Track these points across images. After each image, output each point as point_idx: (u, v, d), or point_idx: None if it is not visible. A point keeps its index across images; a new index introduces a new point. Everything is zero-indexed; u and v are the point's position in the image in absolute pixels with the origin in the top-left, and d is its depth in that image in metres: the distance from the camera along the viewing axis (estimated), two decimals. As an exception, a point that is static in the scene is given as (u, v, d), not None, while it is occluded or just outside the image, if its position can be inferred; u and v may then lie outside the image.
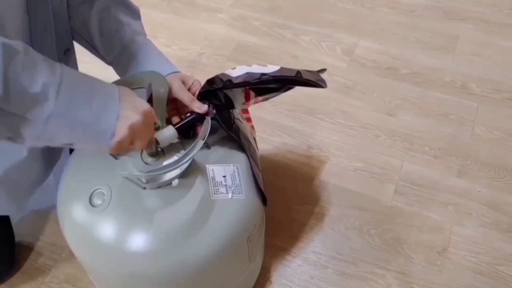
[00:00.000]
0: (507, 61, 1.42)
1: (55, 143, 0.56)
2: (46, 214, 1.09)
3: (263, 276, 0.99)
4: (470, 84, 1.36)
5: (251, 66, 0.75)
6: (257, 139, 0.92)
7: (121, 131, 0.57)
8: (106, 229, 0.67)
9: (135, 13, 0.85)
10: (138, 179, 0.68)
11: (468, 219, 1.08)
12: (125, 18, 0.82)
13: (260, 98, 0.83)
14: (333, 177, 1.16)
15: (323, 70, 0.84)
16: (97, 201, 0.69)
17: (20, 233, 1.05)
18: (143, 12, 0.88)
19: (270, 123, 1.27)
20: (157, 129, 0.68)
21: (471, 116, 1.28)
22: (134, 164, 0.69)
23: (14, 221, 0.99)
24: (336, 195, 1.13)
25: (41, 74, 0.51)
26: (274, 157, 1.20)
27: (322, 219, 1.08)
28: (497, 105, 1.30)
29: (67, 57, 0.84)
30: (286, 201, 1.12)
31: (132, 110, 0.59)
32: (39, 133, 0.53)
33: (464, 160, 1.18)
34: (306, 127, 1.27)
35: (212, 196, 0.70)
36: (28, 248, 1.05)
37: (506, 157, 1.19)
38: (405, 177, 1.15)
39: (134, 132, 0.59)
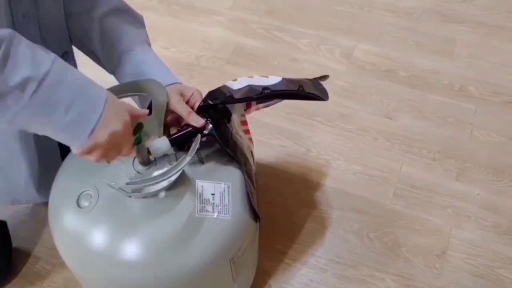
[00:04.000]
0: (505, 63, 1.42)
1: (28, 131, 0.56)
2: (44, 218, 1.09)
3: (262, 279, 0.99)
4: (469, 86, 1.36)
5: (252, 77, 0.73)
6: (256, 142, 0.92)
7: (99, 136, 0.55)
8: (90, 232, 0.67)
9: (137, 21, 0.84)
10: (120, 188, 0.67)
11: (467, 222, 1.08)
12: (126, 27, 0.80)
13: (261, 105, 0.83)
14: (332, 180, 1.16)
15: (325, 77, 0.82)
16: (84, 202, 0.68)
17: (18, 237, 1.04)
18: (141, 15, 0.87)
19: (269, 126, 1.27)
20: (136, 140, 0.63)
21: (469, 118, 1.28)
22: (125, 171, 0.67)
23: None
24: (335, 198, 1.12)
25: (24, 68, 0.50)
26: (273, 160, 1.20)
27: (321, 222, 1.08)
28: (495, 108, 1.31)
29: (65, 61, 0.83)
30: (285, 205, 1.12)
31: (115, 118, 0.56)
32: (9, 119, 0.52)
33: (463, 163, 1.18)
34: (305, 130, 1.27)
35: (197, 213, 0.68)
36: (26, 253, 1.04)
37: (504, 160, 1.19)
38: (404, 180, 1.15)
39: (112, 140, 0.57)
